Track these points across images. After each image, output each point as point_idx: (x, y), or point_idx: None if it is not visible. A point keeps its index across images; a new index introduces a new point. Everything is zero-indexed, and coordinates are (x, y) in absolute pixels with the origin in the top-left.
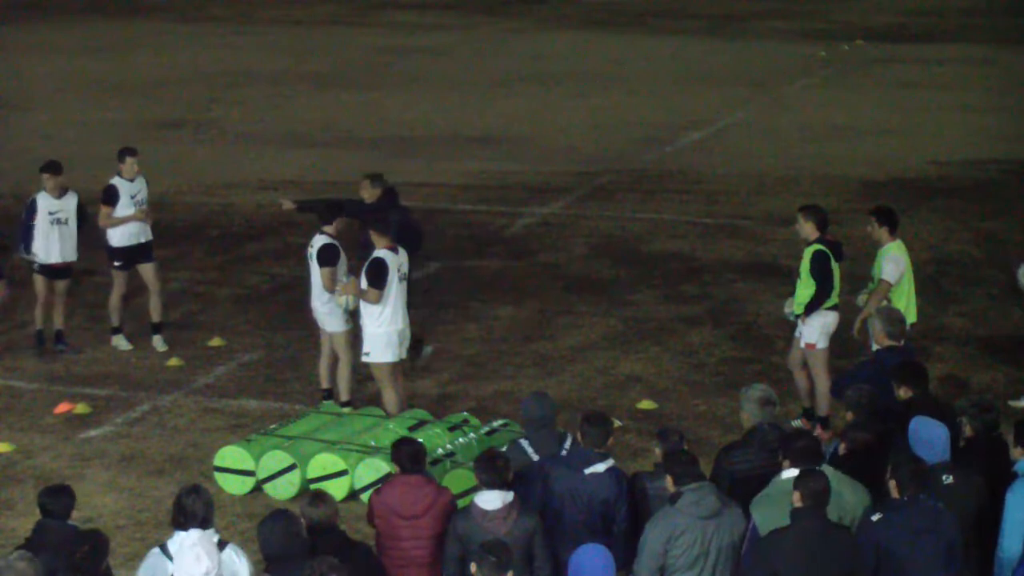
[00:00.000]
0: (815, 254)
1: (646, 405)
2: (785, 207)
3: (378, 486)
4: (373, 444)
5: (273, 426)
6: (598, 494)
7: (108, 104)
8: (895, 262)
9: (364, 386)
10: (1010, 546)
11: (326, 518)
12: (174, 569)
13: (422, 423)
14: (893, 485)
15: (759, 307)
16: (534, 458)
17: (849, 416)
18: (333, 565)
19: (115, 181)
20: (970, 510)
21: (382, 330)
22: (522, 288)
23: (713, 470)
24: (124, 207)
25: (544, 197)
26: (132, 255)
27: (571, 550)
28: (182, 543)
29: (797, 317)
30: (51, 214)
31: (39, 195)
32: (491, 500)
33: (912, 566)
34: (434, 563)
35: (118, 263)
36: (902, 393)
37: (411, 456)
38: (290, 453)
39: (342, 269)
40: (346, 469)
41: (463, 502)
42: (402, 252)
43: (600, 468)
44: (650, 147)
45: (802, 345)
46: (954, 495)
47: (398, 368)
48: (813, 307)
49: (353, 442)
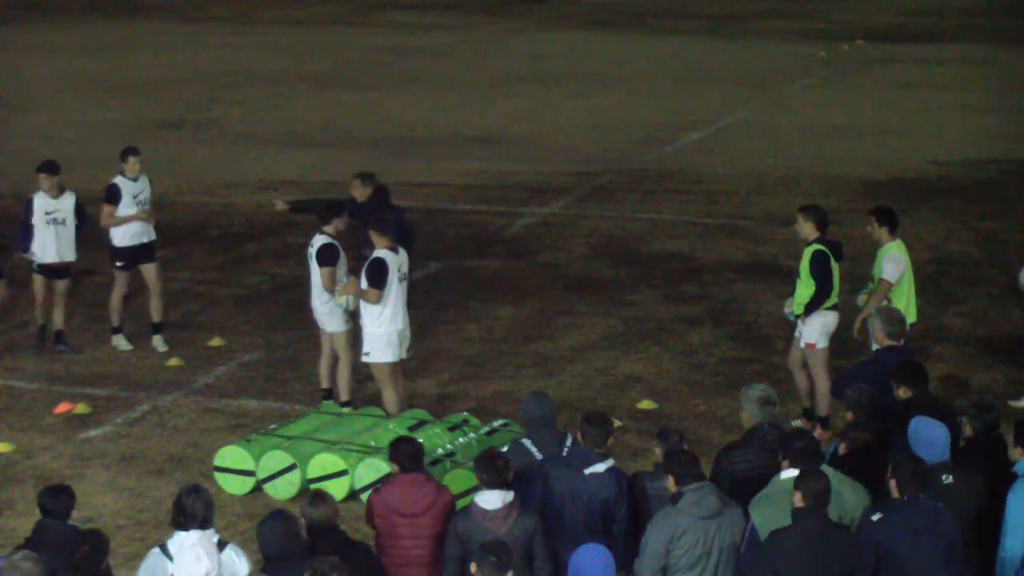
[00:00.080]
0: (815, 254)
1: (646, 405)
2: (785, 207)
3: (377, 486)
4: (373, 444)
5: (273, 426)
6: (598, 494)
7: (108, 104)
8: (895, 262)
9: (364, 386)
10: (1012, 546)
11: (326, 518)
12: (174, 569)
13: (422, 423)
14: (893, 485)
15: (759, 307)
16: (538, 457)
17: (849, 416)
18: (334, 565)
19: (117, 180)
20: (970, 510)
21: (382, 330)
22: (522, 288)
23: (713, 470)
24: (126, 206)
25: (544, 197)
26: (135, 255)
27: (571, 550)
28: (182, 543)
29: (797, 317)
30: (47, 214)
31: (36, 195)
32: (491, 500)
33: (912, 566)
34: (434, 563)
35: (120, 263)
36: (901, 393)
37: (410, 455)
38: (290, 453)
39: (342, 269)
40: (346, 469)
41: (463, 502)
42: (402, 252)
43: (600, 468)
44: (650, 147)
45: (802, 345)
46: (954, 495)
47: (398, 368)
48: (813, 307)
49: (353, 442)
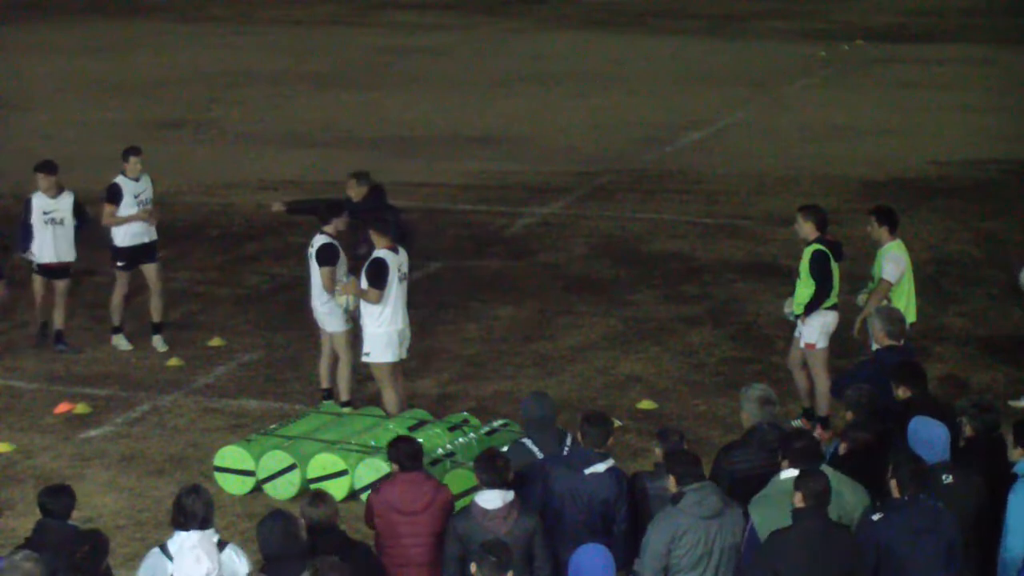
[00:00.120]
0: (814, 254)
1: (646, 405)
2: (785, 207)
3: (377, 485)
4: (373, 444)
5: (273, 426)
6: (598, 494)
7: (108, 104)
8: (895, 262)
9: (364, 386)
10: (1014, 546)
11: (326, 518)
12: (174, 570)
13: (422, 423)
14: (893, 485)
15: (759, 307)
16: (538, 457)
17: (849, 416)
18: (334, 565)
19: (119, 180)
20: (970, 510)
21: (382, 330)
22: (522, 288)
23: (713, 470)
24: (128, 206)
25: (544, 197)
26: (136, 255)
27: (571, 550)
28: (182, 543)
29: (797, 317)
30: (45, 214)
31: (34, 195)
32: (491, 499)
33: (912, 566)
34: (433, 562)
35: (121, 263)
36: (900, 393)
37: (409, 454)
38: (290, 453)
39: (342, 269)
40: (346, 469)
41: (463, 502)
42: (402, 252)
43: (600, 468)
44: (650, 147)
45: (802, 345)
46: (954, 495)
47: (398, 368)
48: (813, 307)
49: (353, 442)
